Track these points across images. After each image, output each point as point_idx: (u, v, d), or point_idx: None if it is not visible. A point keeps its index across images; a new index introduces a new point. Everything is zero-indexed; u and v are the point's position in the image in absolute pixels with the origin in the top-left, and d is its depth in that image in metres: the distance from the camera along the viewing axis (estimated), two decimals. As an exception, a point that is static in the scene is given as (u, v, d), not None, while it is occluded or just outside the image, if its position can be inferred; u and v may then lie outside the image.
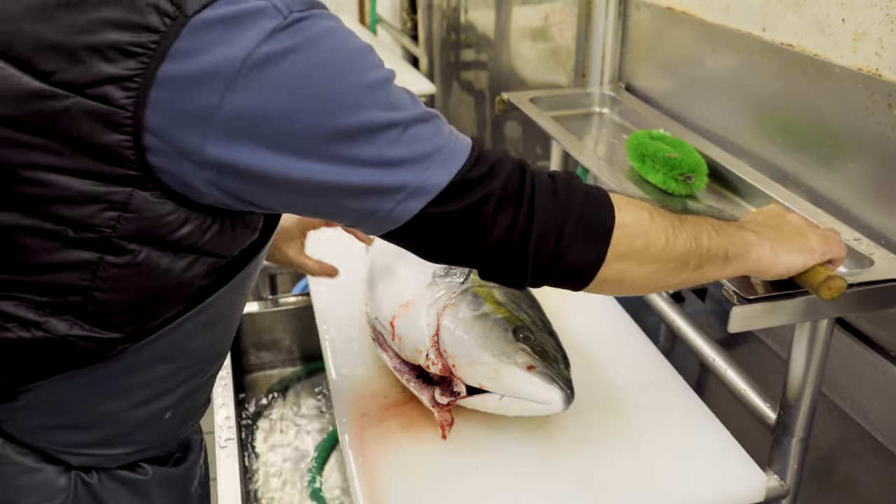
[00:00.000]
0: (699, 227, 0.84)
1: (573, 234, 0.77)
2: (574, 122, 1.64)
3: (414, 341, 1.08)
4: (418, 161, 0.74)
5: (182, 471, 1.00)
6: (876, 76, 1.07)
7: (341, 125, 0.71)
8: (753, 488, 1.00)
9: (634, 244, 0.80)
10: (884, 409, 1.10)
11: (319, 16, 0.72)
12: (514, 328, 1.04)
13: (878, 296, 0.96)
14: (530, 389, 0.98)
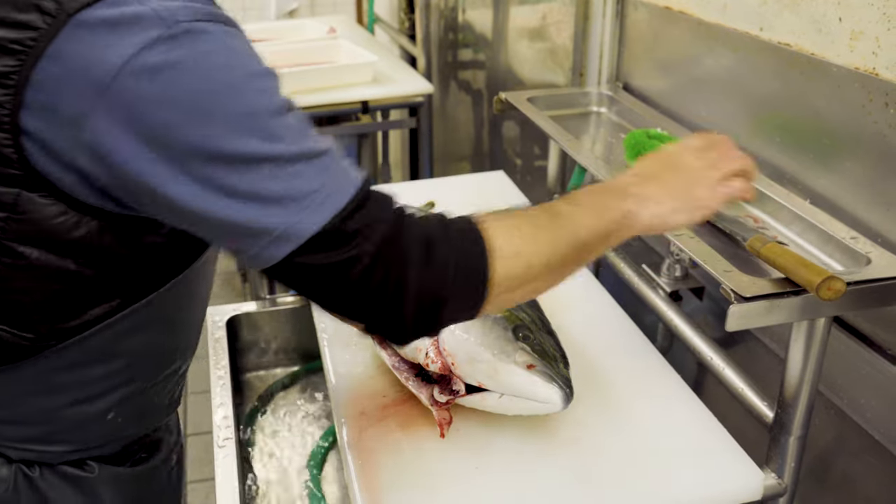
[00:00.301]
0: (575, 221, 0.83)
1: (451, 294, 0.76)
2: (572, 121, 1.64)
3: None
4: (292, 201, 0.70)
5: (142, 471, 1.00)
6: (873, 75, 1.07)
7: (215, 148, 0.68)
8: (751, 486, 1.00)
9: (514, 273, 0.78)
10: (881, 408, 1.10)
11: (210, 31, 0.69)
12: (513, 327, 1.04)
13: (875, 294, 0.97)
14: (530, 388, 0.98)
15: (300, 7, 4.60)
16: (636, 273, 1.45)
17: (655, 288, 1.39)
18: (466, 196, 1.69)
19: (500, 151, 2.73)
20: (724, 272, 0.97)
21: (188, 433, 2.82)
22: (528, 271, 0.79)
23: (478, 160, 2.98)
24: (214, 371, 1.41)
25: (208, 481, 2.60)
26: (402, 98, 2.76)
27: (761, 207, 1.22)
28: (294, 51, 2.90)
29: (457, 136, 3.19)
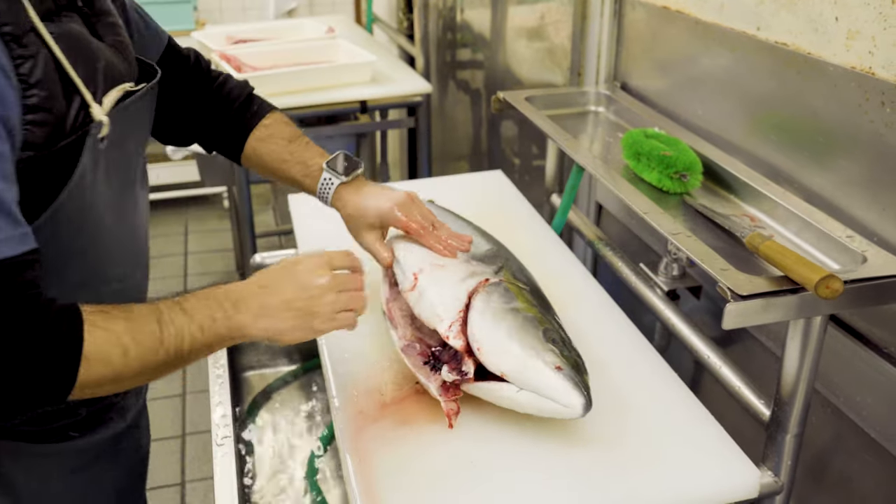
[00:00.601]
0: (181, 336, 0.89)
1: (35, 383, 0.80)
2: (570, 120, 1.64)
3: (436, 305, 1.09)
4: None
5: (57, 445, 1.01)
6: (869, 74, 1.07)
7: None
8: (747, 484, 1.00)
9: (104, 377, 0.84)
10: (877, 406, 1.10)
11: None
12: (543, 329, 1.05)
13: (871, 292, 0.97)
14: (554, 389, 0.98)
15: (299, 7, 4.61)
16: (634, 272, 1.45)
17: (653, 287, 1.40)
18: (464, 195, 1.69)
19: (498, 151, 2.73)
20: (720, 270, 0.97)
21: (187, 432, 2.82)
22: (119, 377, 0.85)
23: (476, 160, 2.98)
24: (213, 370, 1.41)
25: (207, 480, 2.61)
26: (401, 98, 2.76)
27: (758, 206, 1.22)
28: (293, 50, 2.90)
29: (455, 136, 3.20)
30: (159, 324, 0.88)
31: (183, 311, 0.90)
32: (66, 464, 1.05)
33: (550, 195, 1.78)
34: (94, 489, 1.09)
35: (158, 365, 0.88)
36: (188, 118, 1.28)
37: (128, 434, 1.14)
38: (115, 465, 1.12)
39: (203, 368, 3.40)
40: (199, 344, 0.91)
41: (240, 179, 2.73)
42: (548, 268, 1.41)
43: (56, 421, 1.01)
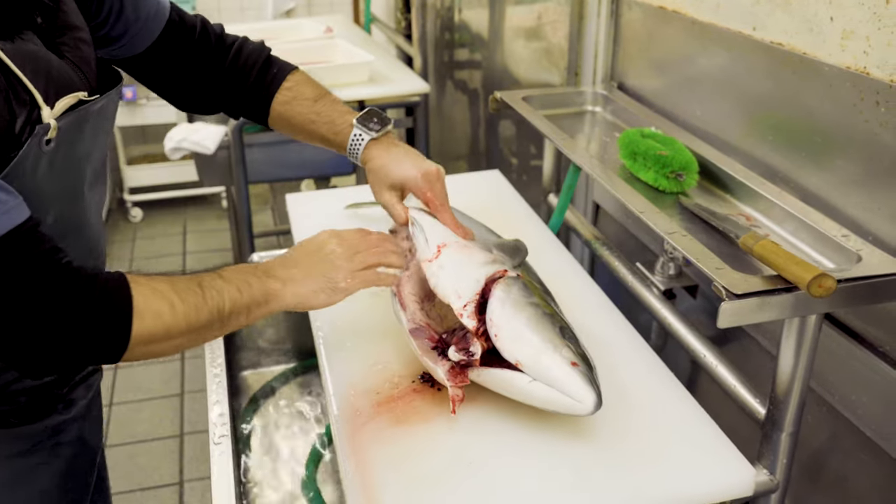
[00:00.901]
0: (222, 297, 0.95)
1: (88, 344, 0.85)
2: (567, 120, 1.64)
3: (455, 281, 1.10)
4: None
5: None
6: (864, 74, 1.07)
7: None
8: (743, 483, 1.00)
9: (155, 334, 0.89)
10: (872, 405, 1.11)
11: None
12: (559, 326, 1.06)
13: (865, 291, 0.97)
14: (568, 383, 0.98)
15: (297, 7, 4.61)
16: (630, 272, 1.45)
17: (650, 286, 1.40)
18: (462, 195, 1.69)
19: (496, 151, 2.73)
20: (715, 269, 0.98)
21: (185, 432, 2.82)
22: (166, 331, 0.90)
23: (474, 159, 2.99)
24: (210, 369, 1.41)
25: (205, 480, 2.61)
26: (399, 98, 2.77)
27: (754, 206, 1.22)
28: (291, 50, 2.90)
29: (453, 136, 3.20)
30: (200, 286, 0.94)
31: (220, 276, 0.98)
32: (3, 450, 1.05)
33: (547, 195, 1.79)
34: (30, 477, 1.09)
35: (203, 324, 0.93)
36: (205, 86, 1.28)
37: (71, 426, 1.13)
38: (55, 457, 1.12)
39: (200, 368, 3.41)
40: (238, 305, 0.97)
41: (238, 179, 2.73)
42: (545, 267, 1.41)
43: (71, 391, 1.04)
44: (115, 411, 2.90)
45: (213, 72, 1.27)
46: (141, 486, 2.59)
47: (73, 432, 1.15)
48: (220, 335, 0.99)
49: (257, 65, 1.27)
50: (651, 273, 1.42)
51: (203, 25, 1.28)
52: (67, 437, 1.14)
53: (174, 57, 1.23)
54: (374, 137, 1.23)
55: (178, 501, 2.54)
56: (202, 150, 2.77)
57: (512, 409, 1.07)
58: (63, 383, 1.12)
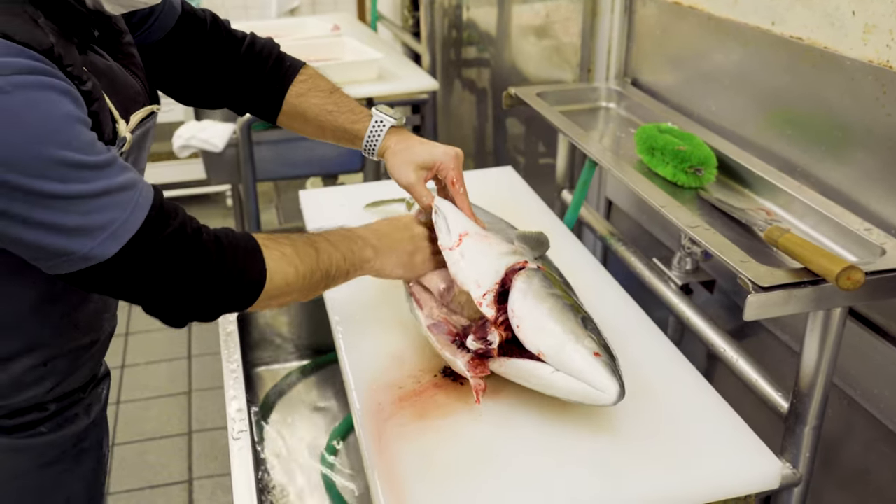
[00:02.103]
0: (329, 258, 1.07)
1: (231, 291, 0.98)
2: (580, 116, 1.64)
3: (477, 269, 1.10)
4: (89, 231, 0.85)
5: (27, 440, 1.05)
6: (887, 68, 1.07)
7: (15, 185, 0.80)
8: (769, 476, 1.00)
9: (277, 287, 1.01)
10: (894, 398, 1.11)
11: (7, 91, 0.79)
12: (581, 317, 1.06)
13: (890, 285, 0.97)
14: (591, 373, 0.98)
15: (301, 5, 4.61)
16: (647, 267, 1.45)
17: (667, 281, 1.40)
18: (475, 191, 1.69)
19: (504, 149, 2.73)
20: (741, 262, 0.98)
21: (193, 430, 2.82)
22: (286, 288, 1.02)
23: (482, 158, 2.99)
24: (227, 365, 1.41)
25: (214, 477, 2.61)
26: (407, 95, 2.76)
27: (773, 200, 1.22)
28: (298, 48, 2.89)
29: (461, 134, 3.20)
30: (316, 251, 1.06)
31: (329, 242, 1.08)
32: (35, 459, 1.07)
33: (561, 191, 1.79)
34: (59, 485, 1.11)
35: (314, 283, 1.06)
36: (215, 79, 1.28)
37: (91, 432, 1.16)
38: (79, 463, 1.14)
39: (208, 366, 3.41)
40: (342, 270, 1.09)
41: (246, 177, 2.73)
42: (562, 262, 1.41)
43: (27, 414, 1.05)
44: (124, 409, 2.89)
45: (224, 64, 1.27)
46: (150, 483, 2.59)
47: (93, 437, 1.16)
48: (324, 290, 1.13)
49: (271, 57, 1.28)
50: (668, 268, 1.42)
51: (213, 18, 1.28)
52: (88, 442, 1.15)
53: (187, 48, 1.23)
54: (394, 124, 1.26)
55: (187, 499, 2.54)
56: (211, 147, 2.77)
57: (536, 402, 1.07)
58: (86, 388, 1.14)
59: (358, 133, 1.26)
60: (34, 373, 1.03)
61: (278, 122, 1.31)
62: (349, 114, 1.27)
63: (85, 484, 1.16)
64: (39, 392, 1.04)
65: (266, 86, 1.27)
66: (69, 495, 1.12)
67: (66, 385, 1.08)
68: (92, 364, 1.12)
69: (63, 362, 1.06)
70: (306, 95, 1.27)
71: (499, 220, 1.34)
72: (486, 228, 1.24)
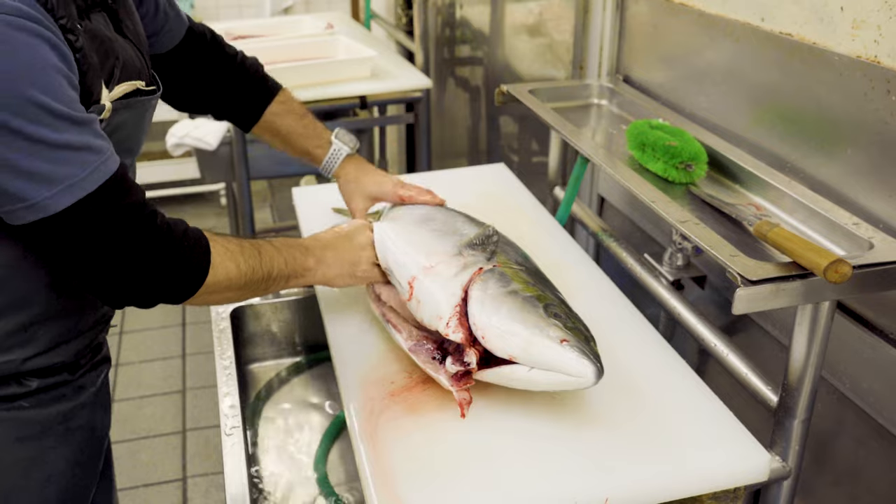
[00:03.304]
0: (272, 263, 1.12)
1: (172, 281, 1.01)
2: (572, 113, 1.65)
3: (435, 306, 1.10)
4: (52, 181, 0.89)
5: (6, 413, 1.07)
6: (875, 63, 1.08)
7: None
8: (758, 469, 1.01)
9: (217, 283, 1.05)
10: (884, 392, 1.11)
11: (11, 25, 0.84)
12: (544, 305, 1.06)
13: (878, 278, 0.98)
14: (563, 362, 0.99)
15: (295, 4, 4.61)
16: (638, 262, 1.46)
17: (658, 277, 1.41)
18: (467, 188, 1.70)
19: (497, 147, 2.74)
20: (730, 256, 0.98)
21: (187, 428, 2.82)
22: (227, 283, 1.06)
23: (475, 156, 2.99)
24: (220, 362, 1.41)
25: (208, 476, 2.61)
26: (401, 93, 2.77)
27: (763, 195, 1.23)
28: (292, 46, 2.91)
29: (454, 132, 3.20)
30: (259, 253, 1.10)
31: (274, 247, 1.14)
32: (12, 432, 1.09)
33: (553, 188, 1.79)
34: (42, 461, 1.12)
35: (254, 284, 1.10)
36: (207, 88, 1.42)
37: (80, 413, 1.17)
38: (65, 443, 1.15)
39: (202, 364, 3.41)
40: (282, 274, 1.14)
41: (240, 176, 2.73)
42: (553, 258, 1.41)
43: (6, 386, 1.07)
44: (118, 408, 2.89)
45: (218, 76, 1.42)
46: (144, 482, 2.59)
47: (83, 419, 1.17)
48: (261, 295, 1.17)
49: (257, 74, 1.45)
50: (659, 264, 1.43)
51: (212, 34, 1.43)
52: (77, 422, 1.16)
53: (190, 60, 1.38)
54: (349, 153, 1.45)
55: (181, 497, 2.54)
56: (204, 146, 2.77)
57: (526, 395, 1.07)
58: (75, 368, 1.15)
59: (318, 157, 1.45)
60: (16, 336, 1.05)
61: (251, 132, 1.48)
62: (314, 138, 1.46)
63: (70, 464, 1.17)
64: (17, 357, 1.06)
65: (250, 99, 1.44)
66: (51, 473, 1.13)
67: (47, 358, 1.09)
68: (78, 343, 1.14)
69: (44, 331, 1.08)
70: (282, 115, 1.45)
71: (454, 218, 1.33)
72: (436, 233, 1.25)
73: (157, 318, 3.41)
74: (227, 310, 1.55)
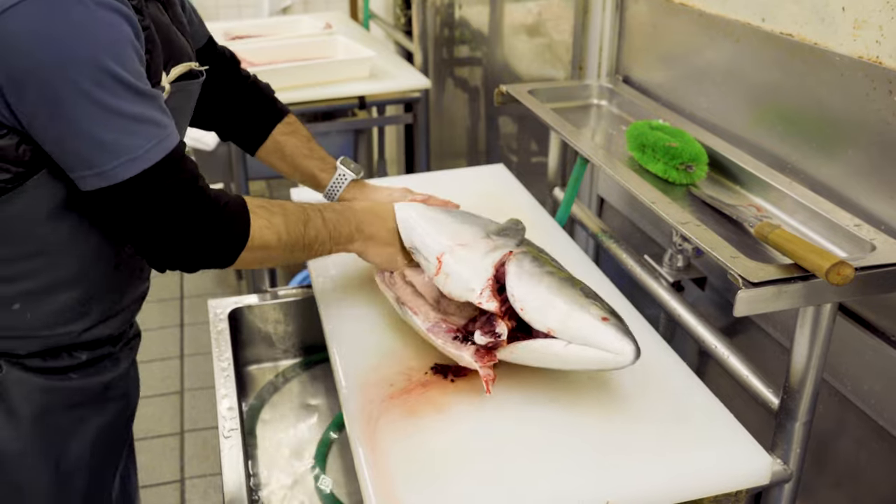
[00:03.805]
0: (317, 234, 1.16)
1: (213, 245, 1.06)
2: (572, 114, 1.64)
3: (465, 280, 1.10)
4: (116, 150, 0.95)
5: (58, 383, 1.15)
6: (876, 64, 1.08)
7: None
8: (759, 472, 1.00)
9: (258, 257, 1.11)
10: (885, 394, 1.11)
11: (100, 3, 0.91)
12: (580, 287, 1.06)
13: (880, 280, 0.97)
14: (604, 338, 0.98)
15: (293, 4, 4.60)
16: (638, 264, 1.45)
17: (658, 278, 1.40)
18: (466, 189, 1.69)
19: (496, 148, 2.73)
20: (731, 258, 0.98)
21: (185, 429, 2.81)
22: (266, 255, 1.11)
23: (474, 156, 2.98)
24: (217, 363, 1.41)
25: (206, 477, 2.60)
26: (399, 93, 2.76)
27: (764, 196, 1.22)
28: (291, 46, 2.90)
29: (453, 133, 3.20)
30: (305, 222, 1.14)
31: (322, 217, 1.17)
32: (63, 401, 1.17)
33: (553, 189, 1.78)
34: (83, 427, 1.21)
35: (296, 253, 1.15)
36: (218, 107, 1.45)
37: (117, 383, 1.26)
38: (103, 411, 1.23)
39: (200, 365, 3.41)
40: (326, 245, 1.18)
41: (238, 176, 2.72)
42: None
43: (60, 359, 1.15)
44: (115, 409, 2.88)
45: (230, 95, 1.45)
46: (142, 483, 2.57)
47: (120, 389, 1.27)
48: (303, 258, 1.20)
49: (269, 97, 1.48)
50: (659, 265, 1.42)
51: (231, 54, 1.47)
52: (115, 392, 1.25)
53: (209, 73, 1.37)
54: (355, 178, 1.44)
55: (179, 499, 2.53)
56: (202, 146, 2.76)
57: (526, 396, 1.07)
58: (116, 342, 1.25)
59: (323, 181, 1.45)
60: (75, 309, 1.13)
61: (256, 155, 1.49)
62: (319, 161, 1.46)
63: (107, 429, 1.25)
64: (76, 329, 1.14)
65: (258, 118, 1.46)
66: (93, 438, 1.22)
67: (99, 331, 1.18)
68: (122, 318, 1.22)
69: (100, 305, 1.16)
70: (290, 136, 1.46)
71: (475, 217, 1.33)
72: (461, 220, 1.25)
73: (155, 318, 3.41)
74: (224, 311, 1.54)
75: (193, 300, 3.56)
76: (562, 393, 1.09)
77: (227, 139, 1.51)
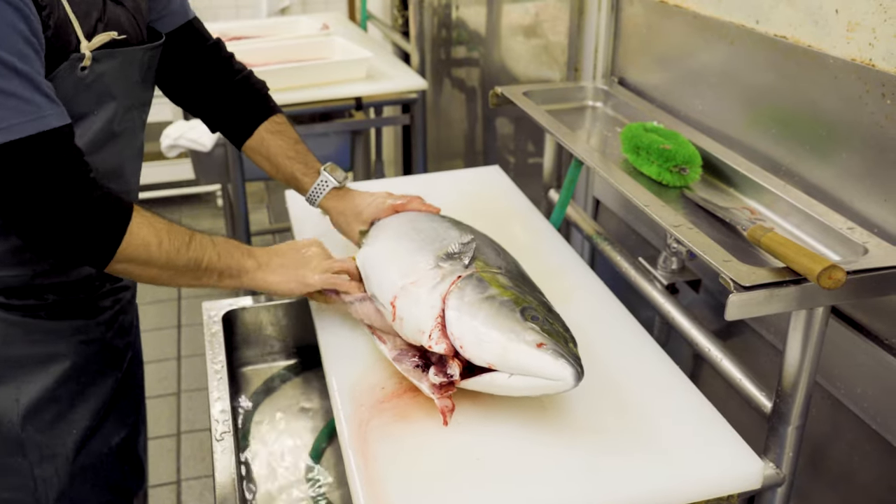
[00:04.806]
0: (203, 253, 1.15)
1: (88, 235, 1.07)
2: (567, 115, 1.64)
3: (416, 321, 1.09)
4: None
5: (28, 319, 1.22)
6: (869, 66, 1.07)
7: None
8: (751, 476, 1.00)
9: (137, 257, 1.10)
10: (878, 397, 1.11)
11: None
12: (521, 308, 1.04)
13: (873, 283, 0.97)
14: (540, 366, 0.98)
15: (291, 5, 4.59)
16: (633, 266, 1.45)
17: (652, 281, 1.40)
18: (461, 190, 1.69)
19: (493, 149, 2.73)
20: (723, 262, 0.97)
21: (182, 431, 2.81)
22: (147, 258, 1.11)
23: (471, 157, 2.98)
24: (211, 365, 1.40)
25: (202, 479, 2.60)
26: (396, 94, 2.76)
27: (758, 199, 1.22)
28: (288, 47, 2.89)
29: (450, 134, 3.20)
30: (190, 238, 1.14)
31: (210, 239, 1.17)
32: (22, 334, 1.24)
33: (548, 190, 1.78)
34: (47, 361, 1.27)
35: (178, 267, 1.13)
36: (200, 94, 1.46)
37: (96, 329, 1.33)
38: (78, 352, 1.30)
39: (197, 366, 3.41)
40: (213, 266, 1.16)
41: (235, 177, 2.72)
42: (547, 262, 1.41)
43: (26, 299, 1.22)
44: (112, 410, 2.88)
45: (213, 82, 1.44)
46: (138, 485, 2.57)
47: (97, 333, 1.33)
48: (193, 285, 1.18)
49: (260, 92, 1.47)
50: (654, 268, 1.42)
51: (217, 42, 1.47)
52: (92, 336, 1.31)
53: (182, 54, 1.41)
54: (336, 186, 1.41)
55: (175, 500, 2.53)
56: (199, 147, 2.76)
57: (516, 401, 1.07)
58: (91, 290, 1.30)
59: (305, 185, 1.42)
60: (16, 255, 1.17)
61: (242, 150, 1.48)
62: (302, 165, 1.43)
63: (78, 375, 1.30)
64: (24, 273, 1.19)
65: (246, 112, 1.45)
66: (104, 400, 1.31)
67: (53, 279, 1.22)
68: (79, 269, 1.26)
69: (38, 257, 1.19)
70: (276, 135, 1.45)
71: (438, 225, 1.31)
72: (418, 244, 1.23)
73: (152, 319, 3.40)
74: (219, 313, 1.54)
75: (191, 301, 3.56)
76: (553, 397, 1.08)
77: (214, 130, 1.51)
